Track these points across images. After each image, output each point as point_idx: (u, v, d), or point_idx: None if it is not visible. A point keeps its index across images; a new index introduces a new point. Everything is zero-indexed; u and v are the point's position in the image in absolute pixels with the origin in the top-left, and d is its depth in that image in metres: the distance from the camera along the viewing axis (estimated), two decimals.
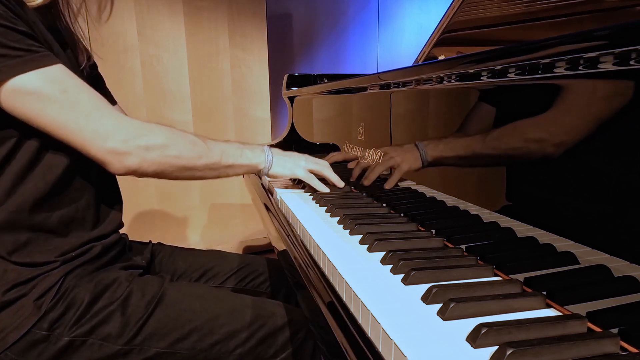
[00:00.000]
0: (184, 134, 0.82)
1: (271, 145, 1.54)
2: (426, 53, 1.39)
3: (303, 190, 1.03)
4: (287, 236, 0.84)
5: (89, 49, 0.91)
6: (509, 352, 0.36)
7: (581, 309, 0.44)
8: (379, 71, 1.38)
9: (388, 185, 0.88)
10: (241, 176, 1.22)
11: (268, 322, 0.80)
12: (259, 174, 0.94)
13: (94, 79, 0.93)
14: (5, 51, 0.64)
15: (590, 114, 0.47)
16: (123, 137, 0.72)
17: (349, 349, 0.47)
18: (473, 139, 0.65)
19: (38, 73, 0.66)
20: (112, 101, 1.01)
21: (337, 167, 1.24)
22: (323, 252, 0.63)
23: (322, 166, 1.00)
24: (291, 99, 1.68)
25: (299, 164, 0.97)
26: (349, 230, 0.72)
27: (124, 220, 0.91)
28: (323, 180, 1.00)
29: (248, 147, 0.92)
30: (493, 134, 0.62)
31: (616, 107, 0.44)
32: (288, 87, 1.70)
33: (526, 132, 0.56)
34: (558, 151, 0.51)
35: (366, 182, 0.96)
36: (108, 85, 1.00)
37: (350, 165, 1.10)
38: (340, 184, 1.00)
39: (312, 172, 0.98)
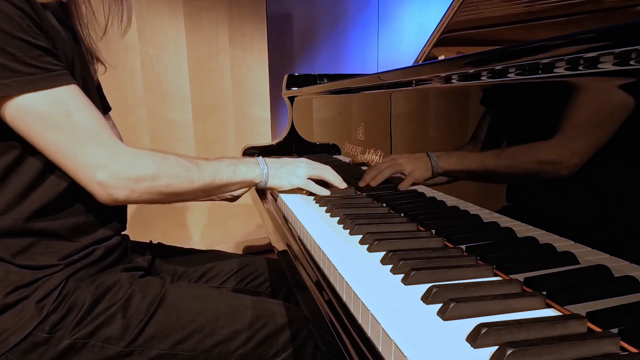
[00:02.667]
0: (177, 158, 0.80)
1: (270, 148, 1.53)
2: (426, 53, 1.39)
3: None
4: (287, 236, 0.84)
5: (99, 55, 0.91)
6: (509, 352, 0.36)
7: (581, 309, 0.44)
8: (379, 71, 1.38)
9: (400, 188, 0.87)
10: None
11: (269, 322, 0.80)
12: (255, 187, 0.93)
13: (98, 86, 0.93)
14: (20, 67, 0.64)
15: (590, 114, 0.47)
16: (114, 169, 0.71)
17: (349, 349, 0.47)
18: (483, 151, 0.64)
19: (46, 93, 0.66)
20: (107, 108, 1.01)
21: (335, 166, 1.24)
22: (323, 252, 0.63)
23: (323, 170, 0.98)
24: (291, 99, 1.68)
25: (296, 173, 0.95)
26: (349, 230, 0.72)
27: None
28: (324, 183, 0.99)
29: (242, 162, 0.90)
30: (500, 144, 0.62)
31: (616, 108, 0.44)
32: (288, 87, 1.70)
33: (532, 138, 0.56)
34: (558, 151, 0.51)
35: (373, 183, 0.94)
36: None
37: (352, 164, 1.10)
38: (343, 185, 0.99)
39: (312, 177, 0.97)
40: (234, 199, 1.05)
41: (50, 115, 0.67)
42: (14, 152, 0.70)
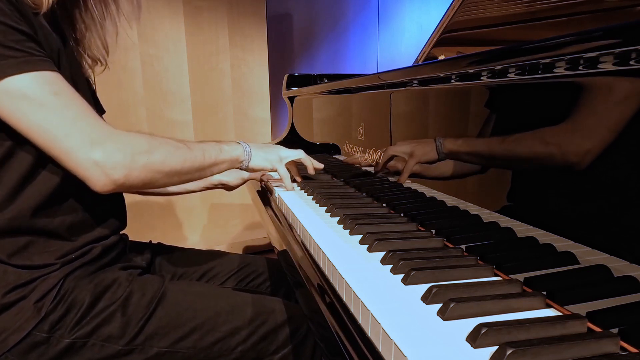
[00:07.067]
0: (164, 138, 0.80)
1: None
2: (426, 53, 1.39)
3: (304, 191, 1.03)
4: (287, 236, 0.84)
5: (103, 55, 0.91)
6: (509, 352, 0.36)
7: (581, 309, 0.44)
8: (379, 71, 1.38)
9: (402, 178, 0.88)
10: None
11: (269, 319, 0.80)
12: (240, 166, 0.94)
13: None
14: (3, 50, 0.62)
15: (590, 114, 0.47)
16: (110, 146, 0.68)
17: (349, 349, 0.47)
18: (486, 139, 0.65)
19: (32, 75, 0.64)
20: (101, 111, 1.01)
21: (335, 166, 1.24)
22: (323, 252, 0.63)
23: (299, 154, 1.04)
24: (291, 99, 1.68)
25: (279, 155, 1.00)
26: (349, 230, 0.72)
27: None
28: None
29: (225, 143, 0.92)
30: (500, 145, 0.62)
31: (616, 108, 0.44)
32: (288, 87, 1.70)
33: (535, 135, 0.56)
34: (559, 151, 0.51)
35: (377, 168, 0.96)
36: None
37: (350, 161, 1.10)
38: (312, 171, 1.06)
39: (290, 160, 1.02)
40: (231, 188, 1.07)
41: (38, 95, 0.64)
42: (2, 146, 0.68)
